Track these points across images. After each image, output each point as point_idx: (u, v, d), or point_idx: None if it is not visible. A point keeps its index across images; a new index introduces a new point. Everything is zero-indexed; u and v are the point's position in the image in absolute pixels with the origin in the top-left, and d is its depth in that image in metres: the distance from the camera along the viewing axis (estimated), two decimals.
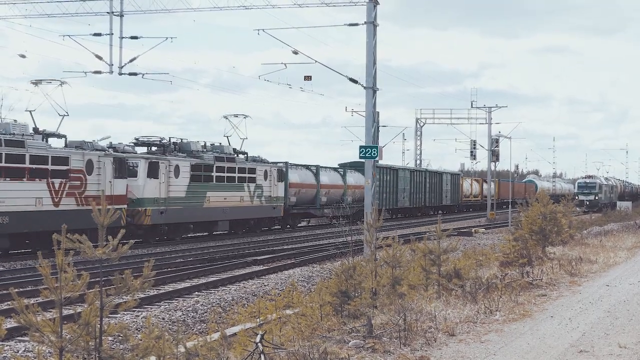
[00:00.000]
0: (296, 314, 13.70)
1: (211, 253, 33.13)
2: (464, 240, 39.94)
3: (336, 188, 58.40)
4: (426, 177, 76.66)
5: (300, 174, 54.14)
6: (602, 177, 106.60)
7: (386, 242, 15.56)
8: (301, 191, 53.27)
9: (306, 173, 55.20)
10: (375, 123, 31.90)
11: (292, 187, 51.48)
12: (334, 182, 58.32)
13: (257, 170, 46.22)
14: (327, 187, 57.04)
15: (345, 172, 59.92)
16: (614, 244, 32.04)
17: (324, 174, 57.40)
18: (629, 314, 14.70)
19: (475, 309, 14.51)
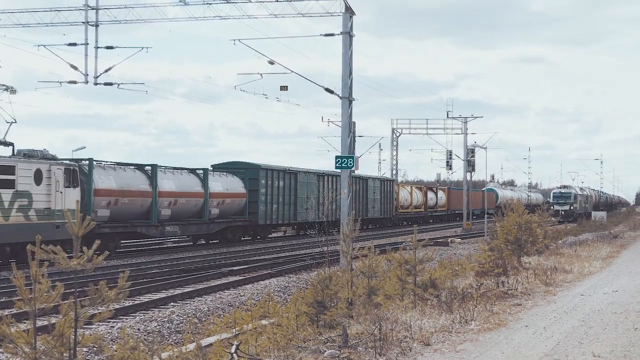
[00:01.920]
0: (272, 324, 13.70)
1: (187, 264, 33.03)
2: (440, 250, 40.07)
3: (189, 196, 42.99)
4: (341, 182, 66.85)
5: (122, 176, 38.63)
6: (577, 187, 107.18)
7: (362, 252, 15.60)
8: (120, 201, 37.60)
9: (135, 175, 39.46)
10: (352, 133, 31.98)
11: (103, 195, 36.36)
12: (185, 188, 42.93)
13: (19, 170, 30.73)
14: (173, 195, 41.68)
15: (207, 176, 44.58)
16: (589, 254, 32.20)
17: (167, 178, 41.85)
18: (603, 323, 14.79)
19: (450, 319, 14.55)
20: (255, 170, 49.99)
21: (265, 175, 50.42)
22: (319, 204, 55.87)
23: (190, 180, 43.85)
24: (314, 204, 55.51)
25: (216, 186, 45.51)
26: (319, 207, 55.96)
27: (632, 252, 35.36)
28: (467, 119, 72.72)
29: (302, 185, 55.04)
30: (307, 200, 55.22)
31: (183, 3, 34.17)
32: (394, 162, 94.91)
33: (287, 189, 53.25)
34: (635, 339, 13.26)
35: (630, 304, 17.67)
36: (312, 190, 55.90)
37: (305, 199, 55.08)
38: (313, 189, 56.12)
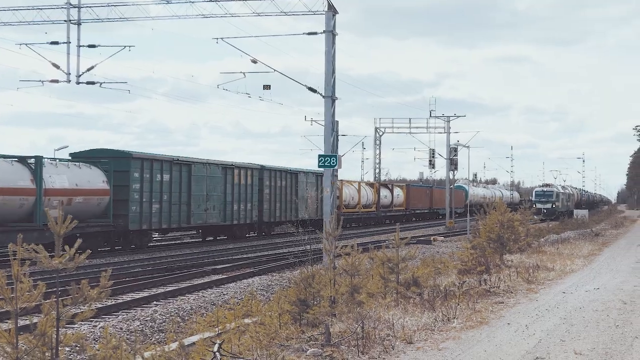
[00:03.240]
0: (255, 322, 13.69)
1: (170, 262, 32.95)
2: (423, 249, 40.14)
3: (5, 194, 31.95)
4: (262, 177, 52.01)
5: None
6: (559, 185, 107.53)
7: (345, 250, 15.62)
8: None
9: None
10: (335, 132, 31.98)
11: None
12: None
13: None
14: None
15: (40, 166, 33.62)
16: (571, 252, 32.34)
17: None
18: (584, 321, 14.85)
19: (433, 317, 14.57)
20: (124, 161, 39.09)
21: (139, 166, 39.62)
22: (225, 203, 46.97)
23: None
24: (220, 204, 46.38)
25: (58, 180, 34.65)
26: (226, 207, 47.07)
27: (613, 250, 35.54)
28: (450, 118, 72.87)
29: (199, 180, 44.30)
30: (210, 198, 45.38)
31: (166, 1, 34.10)
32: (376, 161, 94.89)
33: (176, 185, 42.19)
34: (616, 336, 13.33)
35: (612, 301, 17.76)
36: (216, 186, 45.85)
37: (205, 197, 44.76)
38: (217, 184, 46.03)
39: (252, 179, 50.18)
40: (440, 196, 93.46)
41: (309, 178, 58.92)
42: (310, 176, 59.03)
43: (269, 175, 52.64)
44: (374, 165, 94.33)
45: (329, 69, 31.24)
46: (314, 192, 58.74)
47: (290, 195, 55.61)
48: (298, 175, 57.10)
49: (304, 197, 57.63)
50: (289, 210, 55.35)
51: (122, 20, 35.18)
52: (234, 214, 48.10)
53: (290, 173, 56.03)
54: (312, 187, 58.93)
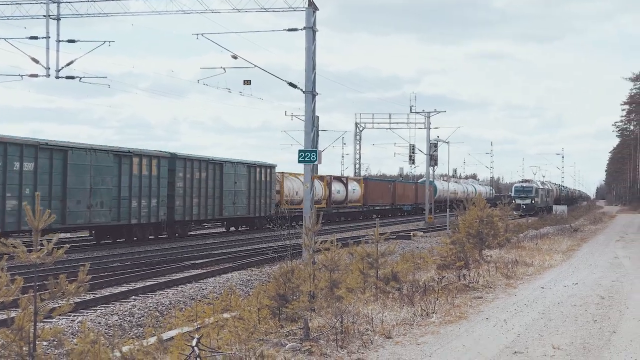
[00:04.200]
0: (234, 317, 13.67)
1: (149, 257, 32.89)
2: (402, 244, 40.23)
3: None
4: (174, 167, 44.51)
5: None
6: (538, 181, 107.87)
7: (325, 246, 15.62)
8: None
9: None
10: (315, 127, 32.01)
11: None
12: None
13: None
14: None
15: None
16: (550, 247, 32.46)
17: None
18: (562, 316, 14.92)
19: (412, 312, 14.60)
20: None
21: None
22: (120, 198, 39.33)
23: None
24: (111, 200, 38.72)
25: None
26: (121, 204, 39.45)
27: (592, 246, 35.70)
28: (430, 114, 72.95)
29: (78, 170, 36.25)
30: (93, 193, 37.26)
31: None
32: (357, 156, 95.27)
33: (43, 176, 34.11)
34: (594, 330, 13.39)
35: (590, 296, 17.84)
36: (105, 178, 38.15)
37: (88, 192, 36.93)
38: (106, 176, 38.32)
39: (160, 170, 42.60)
40: (405, 191, 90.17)
41: (239, 169, 51.90)
42: (240, 167, 52.06)
43: (183, 166, 45.23)
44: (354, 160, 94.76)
45: (309, 64, 31.23)
46: (247, 186, 52.78)
47: (213, 190, 48.51)
48: (223, 166, 49.83)
49: (232, 191, 50.73)
50: (210, 207, 48.20)
51: (102, 15, 35.10)
52: (132, 212, 40.13)
53: (213, 163, 48.85)
54: (243, 180, 52.36)
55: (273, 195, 57.16)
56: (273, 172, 57.42)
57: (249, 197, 53.14)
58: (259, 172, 54.77)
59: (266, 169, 56.03)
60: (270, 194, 56.68)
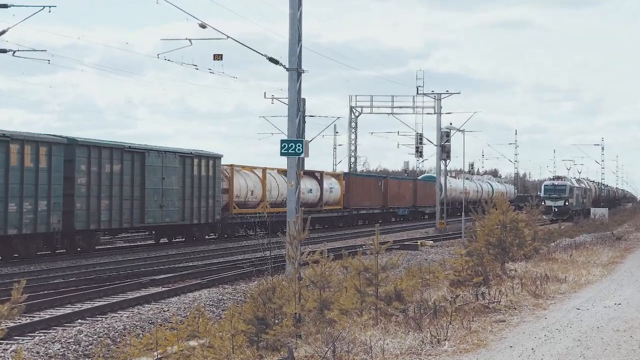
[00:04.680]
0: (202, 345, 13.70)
1: (98, 272, 32.87)
2: (407, 256, 40.31)
3: None
4: (73, 158, 40.43)
5: None
6: (573, 178, 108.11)
7: (313, 257, 15.65)
8: None
9: None
10: (301, 112, 31.99)
11: None
12: None
13: None
14: None
15: None
16: (587, 259, 32.54)
17: None
18: (603, 343, 14.97)
19: (419, 338, 14.63)
20: None
21: None
22: None
23: None
24: None
25: None
26: None
27: (638, 257, 35.83)
28: (441, 96, 73.12)
29: None
30: None
31: None
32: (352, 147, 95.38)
33: None
34: None
35: (636, 319, 17.90)
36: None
37: None
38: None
39: (52, 161, 38.39)
40: (400, 191, 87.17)
41: (169, 161, 47.39)
42: (170, 157, 47.56)
43: (86, 155, 41.17)
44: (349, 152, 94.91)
45: (294, 35, 31.21)
46: (179, 183, 48.21)
47: (131, 188, 44.05)
48: (146, 156, 45.28)
49: (158, 189, 46.18)
50: (127, 211, 43.86)
51: None
52: (9, 220, 36.15)
53: (130, 152, 44.23)
54: (175, 175, 47.77)
55: (218, 196, 52.76)
56: (218, 165, 52.86)
57: (183, 197, 48.72)
58: (197, 164, 50.48)
59: (208, 161, 51.66)
60: (215, 193, 52.18)
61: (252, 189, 57.87)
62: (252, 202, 57.56)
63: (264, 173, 60.01)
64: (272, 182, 60.99)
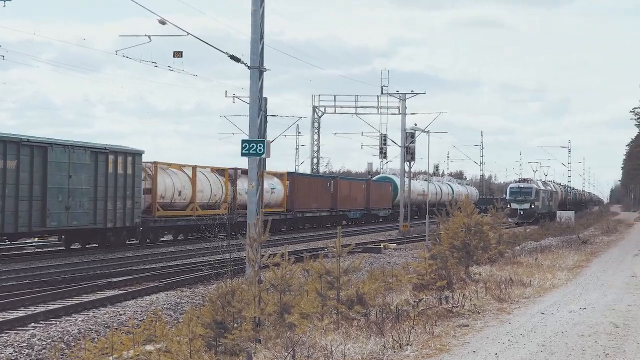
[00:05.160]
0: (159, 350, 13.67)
1: (53, 274, 32.70)
2: (370, 259, 40.38)
3: None
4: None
5: None
6: (539, 181, 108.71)
7: (274, 260, 15.64)
8: None
9: None
10: (262, 111, 31.95)
11: None
12: None
13: None
14: None
15: None
16: (552, 263, 32.72)
17: None
18: (567, 349, 15.05)
19: (381, 343, 14.66)
20: None
21: None
22: None
23: None
24: None
25: None
26: None
27: (604, 261, 36.07)
28: (405, 96, 73.16)
29: None
30: None
31: None
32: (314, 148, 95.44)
33: None
34: None
35: (601, 324, 18.01)
36: None
37: None
38: None
39: None
40: (351, 192, 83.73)
41: (77, 157, 42.92)
42: (78, 153, 43.08)
43: None
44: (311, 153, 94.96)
45: (256, 32, 31.18)
46: (89, 182, 43.82)
47: (30, 187, 39.83)
48: (48, 151, 41.16)
49: (64, 189, 41.96)
50: (24, 212, 39.46)
51: None
52: None
53: (29, 146, 40.05)
54: (85, 173, 43.45)
55: (138, 196, 48.31)
56: (138, 162, 48.43)
57: (95, 198, 44.19)
58: (113, 161, 45.84)
59: (126, 157, 47.14)
60: (134, 193, 47.61)
61: (180, 189, 53.44)
62: (179, 203, 53.71)
63: (194, 171, 55.30)
64: (203, 181, 56.54)
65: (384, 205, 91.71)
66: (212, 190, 57.14)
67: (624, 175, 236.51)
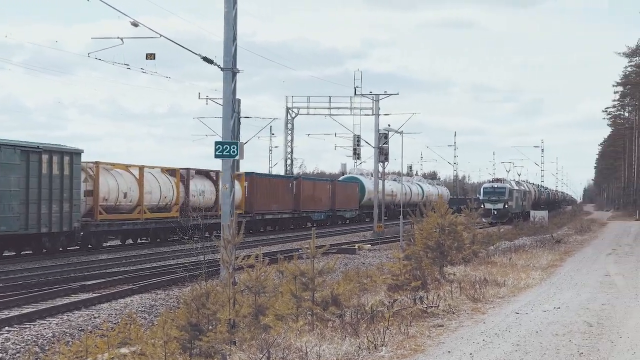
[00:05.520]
0: (134, 353, 13.64)
1: (26, 277, 32.58)
2: (345, 260, 40.39)
3: None
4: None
5: None
6: (513, 181, 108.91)
7: (248, 262, 15.64)
8: None
9: None
10: (236, 113, 31.96)
11: None
12: None
13: None
14: None
15: None
16: (526, 263, 32.81)
17: None
18: (541, 348, 15.10)
19: (356, 344, 14.67)
20: None
21: None
22: None
23: None
24: None
25: None
26: None
27: (578, 261, 36.19)
28: (379, 97, 73.22)
29: None
30: None
31: None
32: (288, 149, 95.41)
33: None
34: None
35: (575, 323, 18.08)
36: None
37: None
38: None
39: None
40: (316, 192, 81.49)
41: (5, 156, 40.10)
42: (7, 153, 40.36)
43: None
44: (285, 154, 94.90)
45: (228, 34, 31.16)
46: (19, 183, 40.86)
47: None
48: None
49: None
50: None
51: None
52: None
53: None
54: (14, 174, 40.62)
55: (77, 199, 45.34)
56: (77, 162, 45.45)
57: (26, 201, 41.20)
58: (47, 161, 42.88)
59: (62, 157, 44.08)
60: (72, 196, 44.57)
61: (126, 190, 50.41)
62: (125, 206, 50.78)
63: (141, 172, 52.37)
64: (152, 182, 53.61)
65: (351, 206, 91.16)
66: (162, 191, 54.36)
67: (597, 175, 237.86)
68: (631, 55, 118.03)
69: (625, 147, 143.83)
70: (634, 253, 41.01)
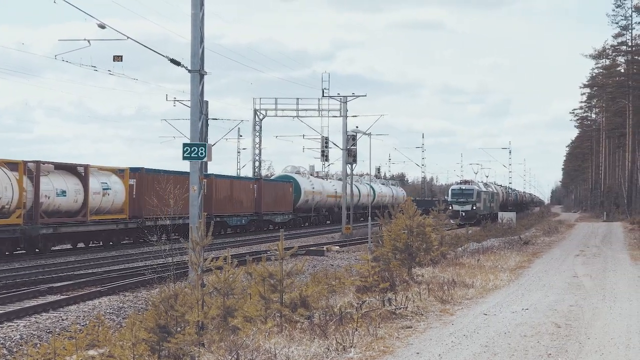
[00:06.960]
0: (102, 355, 13.61)
1: None
2: (314, 261, 40.40)
3: None
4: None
5: None
6: (480, 182, 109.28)
7: (216, 264, 15.63)
8: None
9: None
10: (203, 115, 31.89)
11: None
12: None
13: None
14: None
15: None
16: (494, 264, 32.93)
17: None
18: (510, 349, 15.17)
19: (325, 345, 14.69)
20: None
21: None
22: None
23: None
24: None
25: None
26: None
27: (546, 262, 36.33)
28: (347, 98, 73.20)
29: None
30: None
31: None
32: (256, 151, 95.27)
33: None
34: None
35: (543, 324, 18.18)
36: None
37: None
38: None
39: None
40: (234, 193, 69.35)
41: None
42: None
43: None
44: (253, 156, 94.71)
45: (196, 36, 31.11)
46: None
47: None
48: None
49: None
50: None
51: None
52: None
53: None
54: None
55: None
56: None
57: None
58: None
59: None
60: None
61: None
62: None
63: None
64: None
65: (282, 209, 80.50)
66: None
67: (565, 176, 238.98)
68: (598, 57, 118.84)
69: (592, 149, 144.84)
70: (601, 254, 41.22)
